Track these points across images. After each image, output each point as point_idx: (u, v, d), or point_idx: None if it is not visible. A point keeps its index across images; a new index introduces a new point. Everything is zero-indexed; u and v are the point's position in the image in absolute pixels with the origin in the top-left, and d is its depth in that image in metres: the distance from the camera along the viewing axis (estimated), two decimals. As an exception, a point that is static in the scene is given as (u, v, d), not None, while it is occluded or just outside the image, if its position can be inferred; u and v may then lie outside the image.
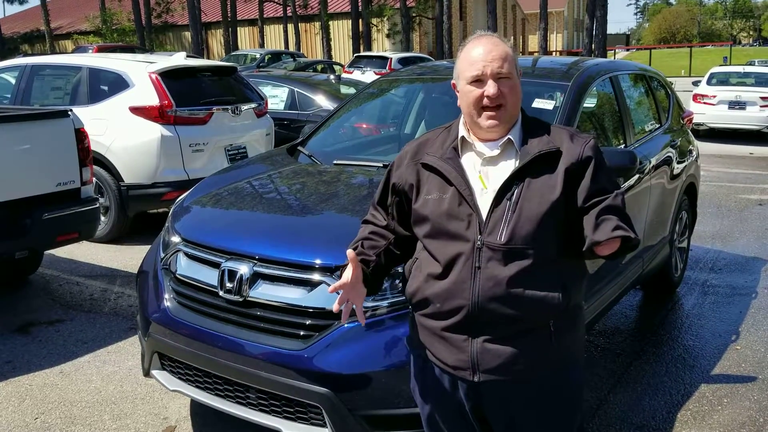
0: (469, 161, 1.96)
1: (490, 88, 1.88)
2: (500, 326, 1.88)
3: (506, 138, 1.93)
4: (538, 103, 3.61)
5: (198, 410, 3.43)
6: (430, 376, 2.04)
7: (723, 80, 15.31)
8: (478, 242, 1.86)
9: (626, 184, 3.69)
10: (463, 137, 1.98)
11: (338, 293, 1.98)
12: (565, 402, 2.01)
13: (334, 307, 1.98)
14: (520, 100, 1.96)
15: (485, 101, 1.89)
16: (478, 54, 1.90)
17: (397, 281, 2.60)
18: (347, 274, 1.97)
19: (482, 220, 1.87)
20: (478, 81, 1.89)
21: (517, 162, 1.90)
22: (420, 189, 1.98)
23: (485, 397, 1.96)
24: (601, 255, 1.84)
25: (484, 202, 1.89)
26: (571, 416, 2.04)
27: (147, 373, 3.08)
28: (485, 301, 1.85)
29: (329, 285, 2.58)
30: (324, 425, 2.55)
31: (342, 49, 36.28)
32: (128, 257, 5.95)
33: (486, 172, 1.93)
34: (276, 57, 23.32)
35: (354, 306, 2.01)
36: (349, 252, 1.98)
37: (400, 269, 2.59)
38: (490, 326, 1.88)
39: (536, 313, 1.87)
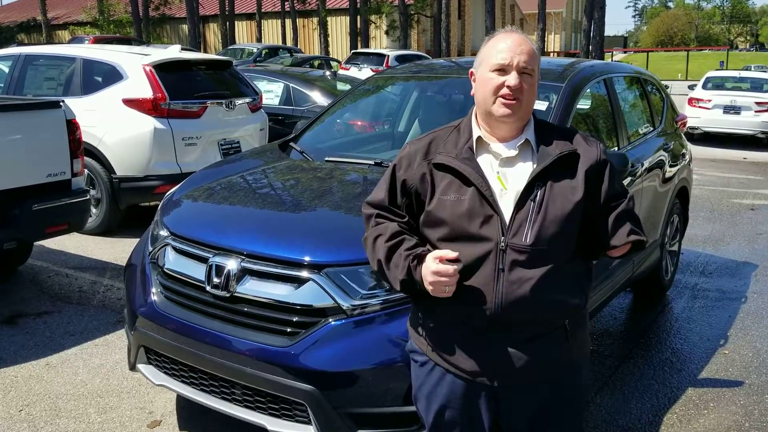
0: (485, 162, 1.91)
1: (512, 79, 1.86)
2: (520, 329, 1.87)
3: (524, 139, 1.92)
4: None
5: (184, 405, 3.42)
6: (442, 382, 1.98)
7: (718, 84, 15.34)
8: (502, 244, 1.81)
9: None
10: (479, 137, 1.94)
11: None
12: (577, 402, 2.06)
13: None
14: (534, 102, 1.95)
15: (504, 90, 1.86)
16: (506, 44, 1.89)
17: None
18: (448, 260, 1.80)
19: (505, 221, 1.83)
20: (502, 70, 1.87)
21: (536, 163, 1.88)
22: (434, 190, 1.91)
23: (503, 402, 1.94)
24: (613, 256, 1.96)
25: (504, 203, 1.85)
26: (581, 415, 2.10)
27: (133, 367, 3.07)
28: (508, 304, 1.82)
29: (317, 282, 2.59)
30: (309, 422, 2.54)
31: (340, 46, 36.26)
32: (119, 250, 5.92)
33: (504, 173, 1.89)
34: (273, 52, 23.26)
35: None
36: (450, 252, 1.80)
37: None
38: (509, 329, 1.86)
39: (557, 315, 1.90)
